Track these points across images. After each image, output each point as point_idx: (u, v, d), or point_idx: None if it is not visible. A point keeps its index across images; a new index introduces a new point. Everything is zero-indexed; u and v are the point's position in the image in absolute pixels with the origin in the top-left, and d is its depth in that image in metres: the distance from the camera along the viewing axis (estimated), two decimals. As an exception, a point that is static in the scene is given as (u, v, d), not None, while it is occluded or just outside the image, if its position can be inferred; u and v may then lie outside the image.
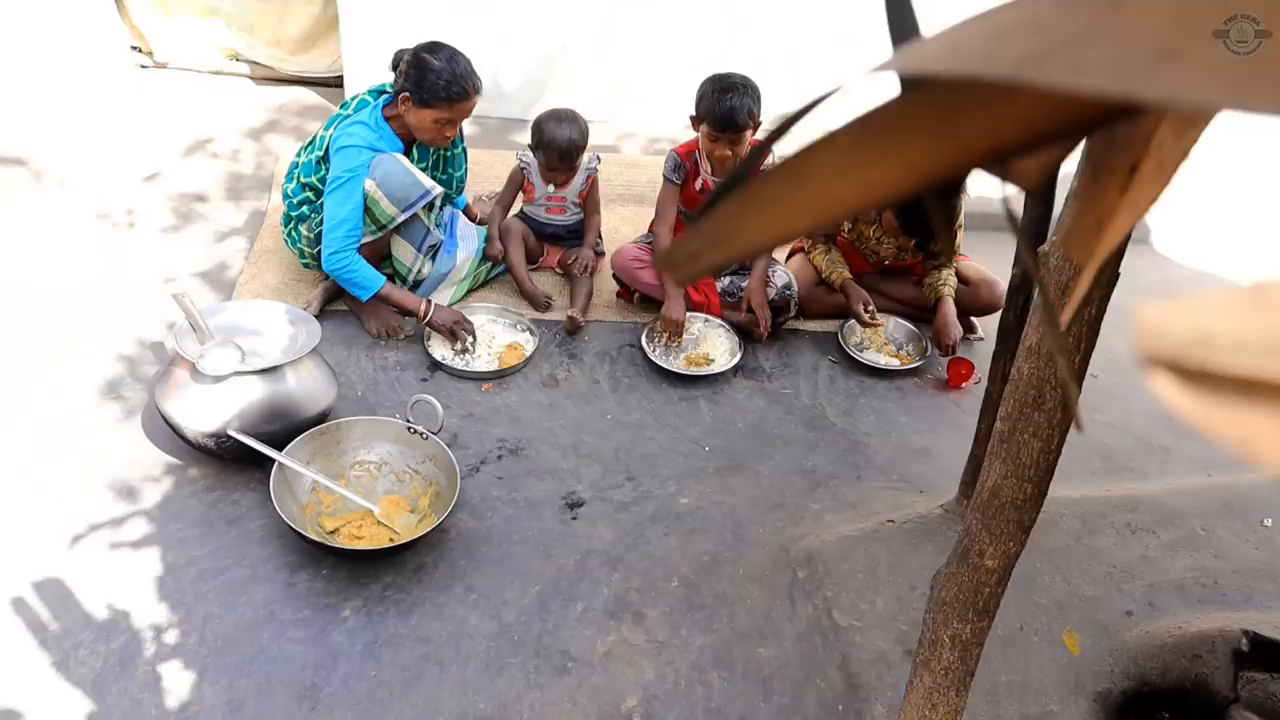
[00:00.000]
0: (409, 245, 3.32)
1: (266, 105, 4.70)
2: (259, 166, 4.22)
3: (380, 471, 2.76)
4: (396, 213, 3.15)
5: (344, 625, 2.39)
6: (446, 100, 3.10)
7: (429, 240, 3.34)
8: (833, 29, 4.65)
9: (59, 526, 2.55)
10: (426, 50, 3.09)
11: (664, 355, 3.40)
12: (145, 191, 4.00)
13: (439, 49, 3.11)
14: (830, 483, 2.96)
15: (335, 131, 3.18)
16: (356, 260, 3.11)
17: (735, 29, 4.61)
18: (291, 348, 2.77)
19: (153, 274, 3.53)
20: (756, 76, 4.66)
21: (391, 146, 3.18)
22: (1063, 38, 0.27)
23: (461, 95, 3.12)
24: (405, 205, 3.15)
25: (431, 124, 3.16)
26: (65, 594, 2.40)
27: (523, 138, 4.55)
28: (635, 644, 2.41)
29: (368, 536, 2.57)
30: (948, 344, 3.47)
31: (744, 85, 3.24)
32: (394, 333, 3.34)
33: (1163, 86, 0.26)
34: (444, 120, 3.16)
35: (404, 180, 3.12)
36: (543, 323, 3.51)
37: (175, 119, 4.49)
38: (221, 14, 4.78)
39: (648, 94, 4.75)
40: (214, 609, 2.39)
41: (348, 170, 3.07)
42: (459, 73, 3.09)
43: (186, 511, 2.64)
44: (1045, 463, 1.39)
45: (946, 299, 3.56)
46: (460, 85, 3.10)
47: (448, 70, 3.07)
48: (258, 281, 3.52)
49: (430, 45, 3.12)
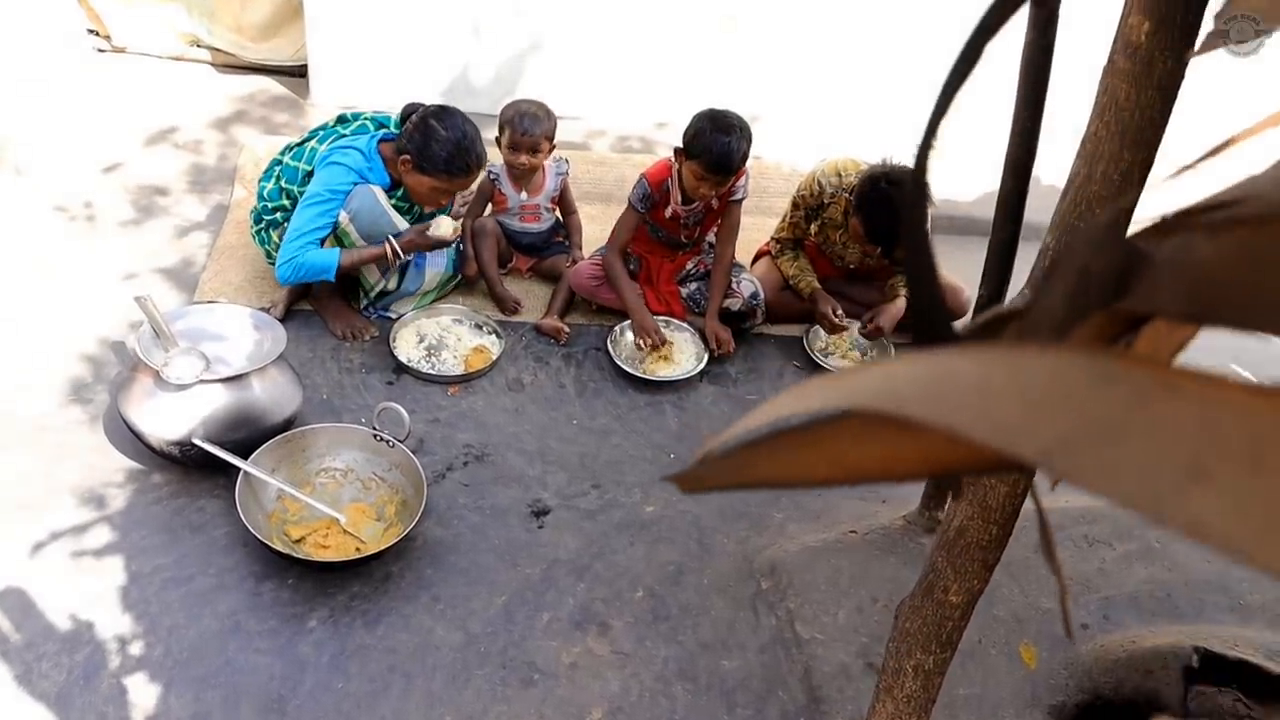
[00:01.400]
0: (375, 268, 3.30)
1: (229, 94, 4.64)
2: (222, 158, 4.17)
3: (346, 479, 2.76)
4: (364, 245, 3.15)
5: (310, 636, 2.40)
6: (446, 174, 3.07)
7: (397, 269, 3.34)
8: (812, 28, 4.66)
9: (20, 534, 2.52)
10: (435, 117, 3.05)
11: (630, 360, 3.42)
12: (105, 182, 3.94)
13: (448, 117, 3.06)
14: (794, 492, 3.00)
15: (327, 148, 3.14)
16: (305, 255, 3.07)
17: (709, 27, 4.61)
18: (257, 354, 2.76)
19: (113, 269, 3.48)
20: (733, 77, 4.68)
21: (378, 180, 3.14)
22: (1095, 424, 0.28)
23: (462, 171, 3.09)
24: (374, 242, 3.14)
25: (427, 190, 3.13)
26: (27, 604, 2.38)
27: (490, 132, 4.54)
28: (600, 655, 2.44)
29: (334, 545, 2.58)
30: (874, 325, 3.52)
31: (740, 127, 3.20)
32: (359, 334, 3.33)
33: (1189, 514, 0.26)
34: (440, 190, 3.13)
35: (376, 220, 3.11)
36: (509, 325, 3.51)
37: (135, 106, 4.41)
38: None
39: (618, 91, 4.75)
40: (179, 619, 2.39)
41: (329, 190, 3.04)
42: (463, 147, 3.04)
43: (150, 519, 2.63)
44: (1011, 506, 1.42)
45: (898, 299, 3.61)
46: (462, 160, 3.06)
47: (452, 144, 3.03)
48: (221, 279, 3.49)
49: (439, 112, 3.07)
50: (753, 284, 3.55)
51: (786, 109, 4.89)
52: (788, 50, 4.71)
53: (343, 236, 3.12)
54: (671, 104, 4.81)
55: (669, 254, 3.66)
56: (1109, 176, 1.18)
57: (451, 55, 4.54)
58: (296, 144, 3.30)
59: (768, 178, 4.47)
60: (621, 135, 4.77)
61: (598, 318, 3.60)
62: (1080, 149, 1.23)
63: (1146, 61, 1.14)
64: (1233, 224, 0.29)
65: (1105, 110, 1.17)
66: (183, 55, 4.88)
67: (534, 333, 3.50)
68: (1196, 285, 0.30)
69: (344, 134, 3.23)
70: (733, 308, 3.52)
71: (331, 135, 3.23)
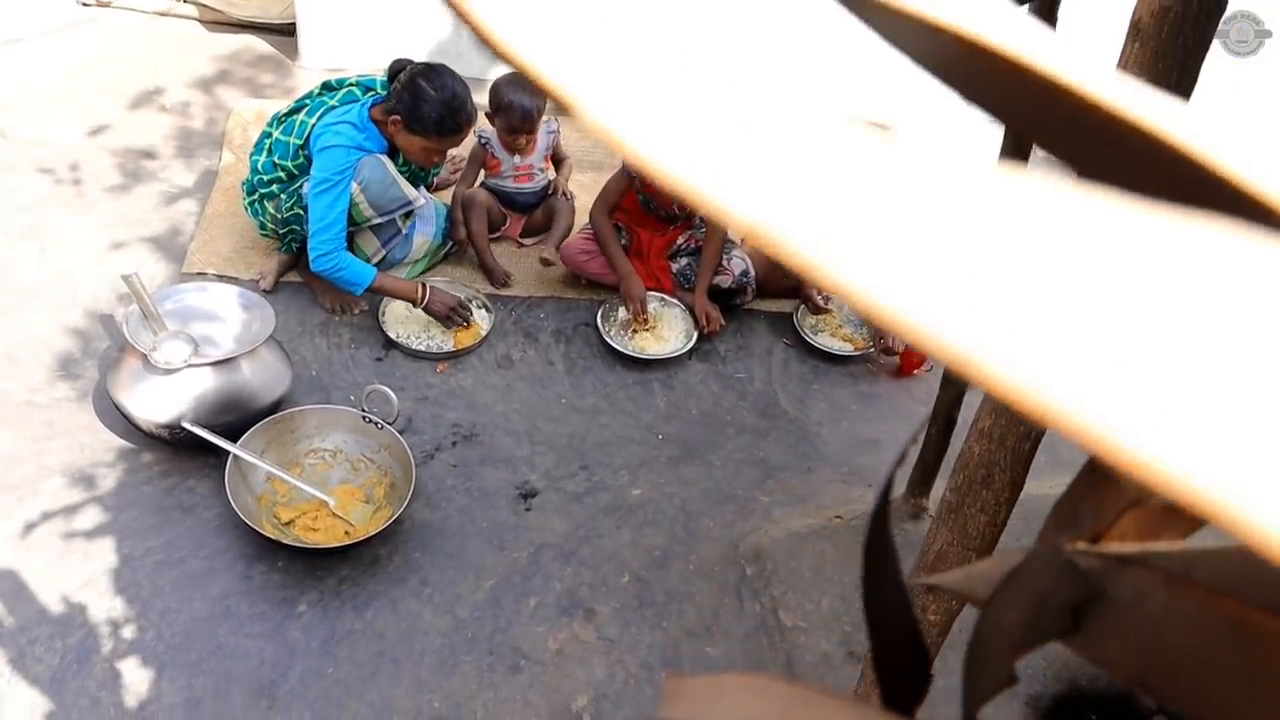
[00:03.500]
0: (375, 239, 3.30)
1: (217, 54, 4.57)
2: (210, 122, 4.12)
3: (335, 460, 2.78)
4: (374, 216, 3.14)
5: (300, 620, 2.43)
6: (436, 133, 3.05)
7: (397, 238, 3.33)
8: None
9: (12, 514, 2.54)
10: (423, 76, 3.01)
11: (619, 337, 3.42)
12: (91, 145, 3.90)
13: (436, 76, 3.02)
14: (780, 474, 3.03)
15: (318, 124, 3.10)
16: (345, 258, 3.07)
17: None
18: (245, 335, 2.76)
19: (101, 238, 3.46)
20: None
21: (377, 147, 3.12)
22: None
23: (453, 129, 3.06)
24: (384, 211, 3.13)
25: (419, 150, 3.11)
26: (20, 586, 2.41)
27: (479, 96, 4.49)
28: (586, 641, 2.48)
29: (323, 528, 2.60)
30: (885, 344, 3.51)
31: None
32: (348, 308, 3.32)
33: None
34: (431, 149, 3.11)
35: (387, 188, 3.10)
36: (498, 298, 3.51)
37: (121, 66, 4.35)
38: (168, -46, 4.62)
39: (609, 52, 4.69)
40: (171, 603, 2.42)
41: (336, 173, 3.02)
42: (453, 107, 3.02)
43: (141, 499, 2.65)
44: (991, 534, 1.45)
45: None
46: (453, 120, 3.04)
47: (441, 103, 3.00)
48: (209, 249, 3.47)
49: (427, 70, 3.04)
50: (744, 261, 3.55)
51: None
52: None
53: (352, 208, 3.10)
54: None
55: (660, 228, 3.64)
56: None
57: (441, 15, 4.47)
58: (285, 114, 3.26)
59: (761, 146, 4.44)
60: (614, 100, 4.72)
61: (588, 292, 3.59)
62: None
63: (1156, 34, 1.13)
64: (1192, 584, 0.30)
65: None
66: (169, 10, 4.80)
67: (525, 307, 3.50)
68: (1145, 644, 0.31)
69: (331, 104, 3.19)
70: (723, 285, 3.51)
71: (320, 106, 3.20)
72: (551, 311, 3.53)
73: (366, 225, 3.21)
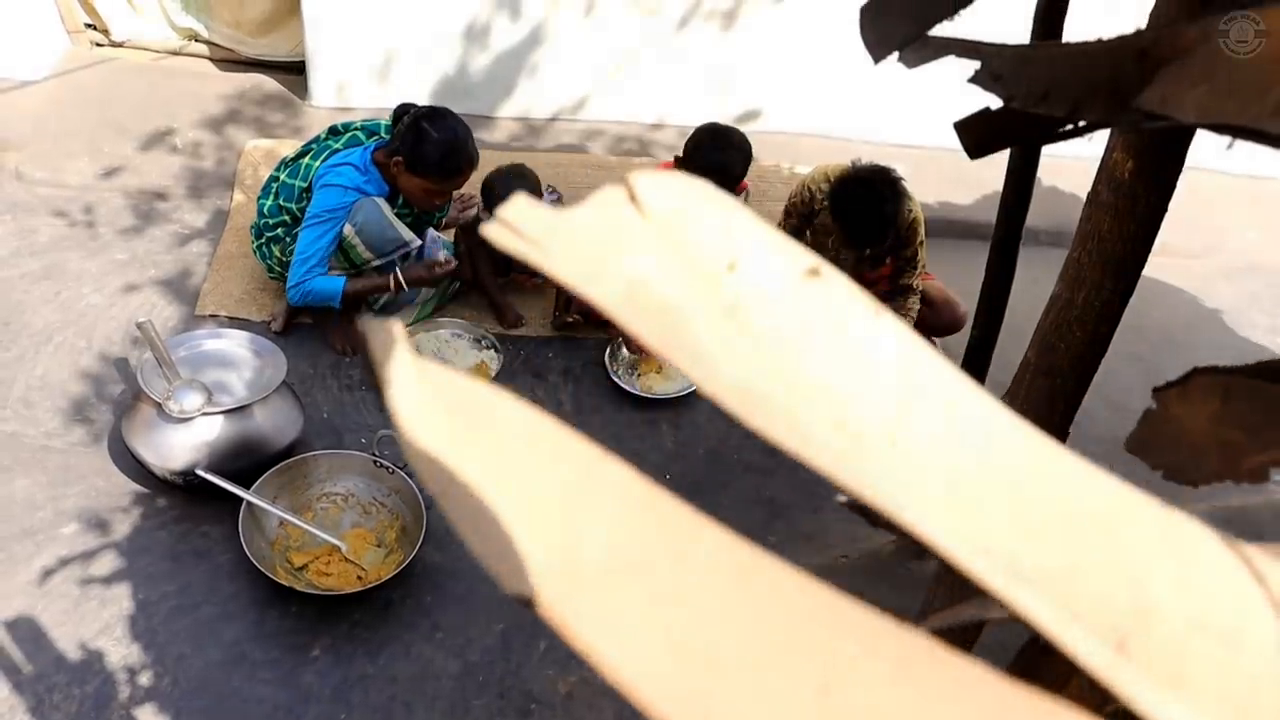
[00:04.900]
0: None
1: (226, 93, 4.63)
2: (220, 162, 4.17)
3: (347, 504, 2.81)
4: (373, 258, 3.19)
5: (314, 666, 2.46)
6: (438, 174, 3.10)
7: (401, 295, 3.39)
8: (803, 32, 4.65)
9: (30, 561, 2.58)
10: (426, 119, 3.06)
11: (626, 377, 3.46)
12: (104, 187, 3.95)
13: (438, 119, 3.07)
14: (787, 513, 3.06)
15: (321, 165, 3.16)
16: (312, 281, 3.12)
17: (705, 25, 4.60)
18: (258, 382, 2.80)
19: (114, 280, 3.51)
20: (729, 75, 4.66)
21: (377, 190, 3.17)
22: None
23: (454, 171, 3.11)
24: (382, 253, 3.18)
25: (420, 191, 3.15)
26: (38, 633, 2.44)
27: (488, 134, 4.55)
28: (595, 684, 2.50)
29: (336, 573, 2.64)
30: None
31: (739, 145, 3.22)
32: (359, 348, 3.36)
33: None
34: (433, 191, 3.15)
35: (383, 231, 3.14)
36: (507, 338, 3.55)
37: (133, 105, 4.41)
38: (179, -6, 4.69)
39: (615, 90, 4.74)
40: (186, 649, 2.45)
41: (329, 211, 3.07)
42: (454, 148, 3.06)
43: (156, 544, 2.68)
44: (989, 596, 1.47)
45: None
46: (454, 161, 3.09)
47: (444, 145, 3.04)
48: (221, 291, 3.52)
49: (430, 113, 3.09)
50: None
51: (786, 106, 4.89)
52: (787, 48, 4.70)
53: (349, 250, 3.15)
54: (667, 103, 4.82)
55: (666, 265, 3.68)
56: (1090, 302, 1.22)
57: (448, 55, 4.53)
58: (291, 159, 3.32)
59: (766, 180, 4.48)
60: (619, 136, 4.78)
61: (595, 330, 3.63)
62: (1062, 273, 1.27)
63: (1130, 196, 1.17)
64: None
65: (1088, 239, 1.21)
66: (181, 49, 4.87)
67: (533, 346, 3.54)
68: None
69: (336, 147, 3.25)
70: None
71: (325, 150, 3.25)
72: (560, 350, 3.57)
73: (368, 268, 3.25)
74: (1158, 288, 4.44)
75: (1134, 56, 0.55)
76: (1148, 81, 0.54)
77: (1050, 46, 0.76)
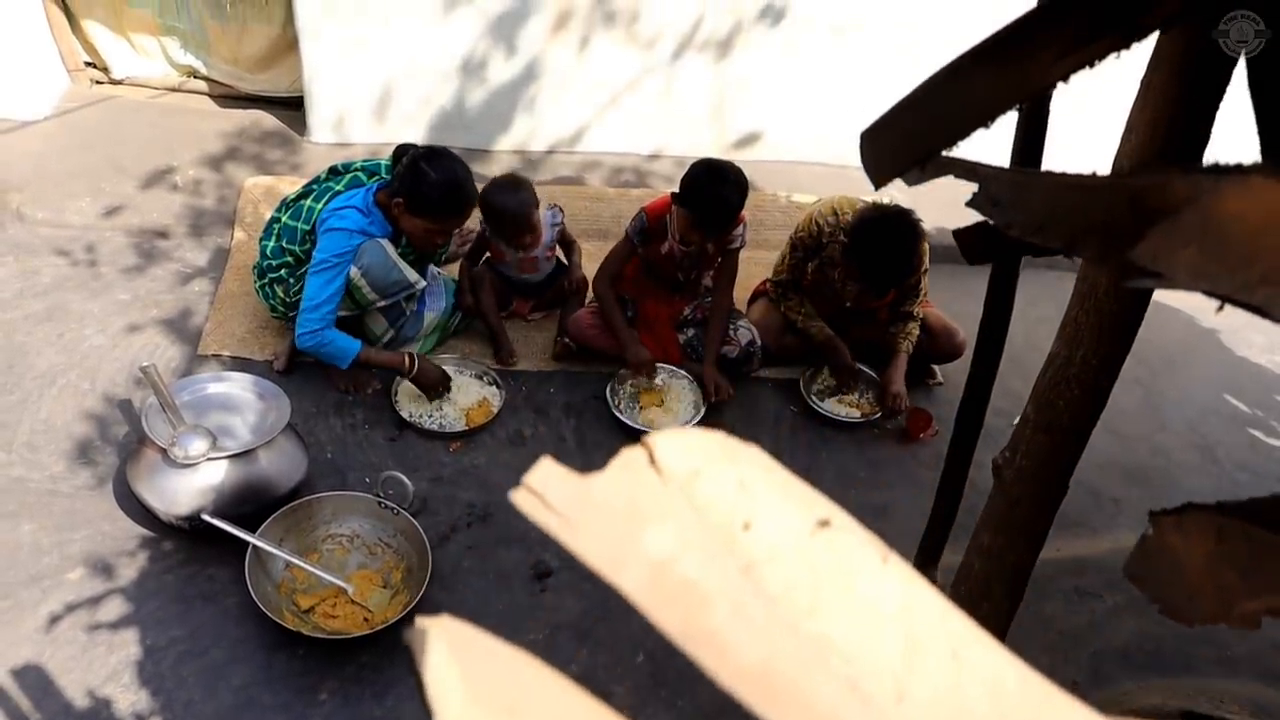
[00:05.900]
0: (383, 319, 3.36)
1: (225, 130, 4.66)
2: (221, 200, 4.20)
3: (352, 545, 2.82)
4: (378, 299, 3.21)
5: (322, 709, 2.47)
6: (438, 213, 3.13)
7: (406, 318, 3.40)
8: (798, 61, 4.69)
9: (37, 607, 2.58)
10: (425, 159, 3.09)
11: (629, 411, 3.47)
12: (106, 226, 3.98)
13: (437, 159, 3.10)
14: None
15: (323, 209, 3.18)
16: (329, 334, 3.14)
17: (700, 56, 4.63)
18: (262, 425, 2.81)
19: (117, 321, 3.53)
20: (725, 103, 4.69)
21: (381, 231, 3.19)
22: None
23: (454, 210, 3.15)
24: (387, 294, 3.20)
25: (421, 232, 3.18)
26: (46, 681, 2.44)
27: (486, 168, 4.58)
28: (604, 725, 2.51)
29: (343, 615, 2.64)
30: (891, 407, 3.55)
31: (736, 182, 3.23)
32: (361, 388, 3.38)
33: None
34: (434, 230, 3.18)
35: (388, 273, 3.16)
36: (508, 374, 3.56)
37: (133, 143, 4.44)
38: (178, 33, 4.73)
39: (612, 122, 4.78)
40: (195, 694, 2.46)
41: (335, 255, 3.09)
42: (454, 187, 3.10)
43: (163, 588, 2.69)
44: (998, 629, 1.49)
45: (900, 355, 3.63)
46: (454, 200, 3.12)
47: (443, 185, 3.08)
48: (223, 330, 3.54)
49: (429, 154, 3.12)
50: (750, 331, 3.60)
51: (782, 134, 4.93)
52: (782, 77, 4.74)
53: (355, 291, 3.17)
54: (664, 134, 4.85)
55: (665, 297, 3.70)
56: (1088, 361, 1.24)
57: (446, 89, 4.56)
58: (292, 200, 3.34)
59: (764, 210, 4.51)
60: (616, 167, 4.81)
61: (596, 364, 3.65)
62: (1060, 331, 1.29)
63: (1125, 256, 1.19)
64: None
65: (1086, 299, 1.23)
66: (180, 86, 4.91)
67: (535, 381, 3.55)
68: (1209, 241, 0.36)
69: (337, 190, 3.27)
70: (730, 355, 3.57)
71: (326, 192, 3.28)
72: (561, 385, 3.58)
73: (371, 309, 3.27)
74: (1154, 309, 4.42)
75: (1125, 201, 0.57)
76: (1140, 231, 0.56)
77: (1046, 176, 0.78)
